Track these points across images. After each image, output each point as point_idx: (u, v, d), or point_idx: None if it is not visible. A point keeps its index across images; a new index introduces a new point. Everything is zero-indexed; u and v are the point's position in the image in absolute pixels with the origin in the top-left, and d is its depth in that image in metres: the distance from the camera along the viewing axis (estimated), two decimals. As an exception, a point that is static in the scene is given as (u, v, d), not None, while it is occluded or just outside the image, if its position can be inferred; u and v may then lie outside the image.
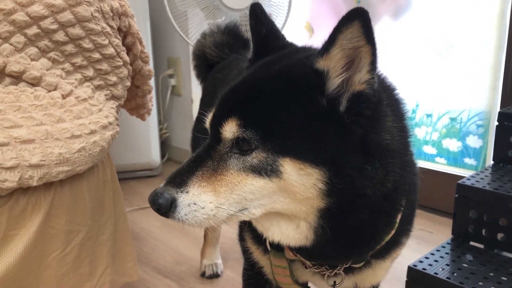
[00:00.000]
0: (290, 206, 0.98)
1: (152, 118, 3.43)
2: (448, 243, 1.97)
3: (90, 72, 1.80)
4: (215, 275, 2.20)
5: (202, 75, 2.13)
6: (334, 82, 0.94)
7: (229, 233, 2.45)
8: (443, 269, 1.77)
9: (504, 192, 1.84)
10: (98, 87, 1.83)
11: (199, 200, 0.96)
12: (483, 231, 1.92)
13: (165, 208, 0.96)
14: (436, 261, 1.83)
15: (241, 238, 1.32)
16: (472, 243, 1.98)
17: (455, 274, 1.74)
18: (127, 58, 1.93)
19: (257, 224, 1.09)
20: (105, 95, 1.85)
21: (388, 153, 0.98)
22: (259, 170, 0.94)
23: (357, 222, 1.00)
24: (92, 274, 1.73)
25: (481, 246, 1.97)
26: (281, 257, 1.21)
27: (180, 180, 0.97)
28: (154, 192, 0.99)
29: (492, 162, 2.18)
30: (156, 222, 2.80)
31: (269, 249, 1.22)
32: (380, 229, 1.07)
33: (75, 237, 1.64)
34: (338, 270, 1.17)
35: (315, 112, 0.94)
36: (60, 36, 1.69)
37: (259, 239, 1.24)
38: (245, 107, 0.97)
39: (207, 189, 0.96)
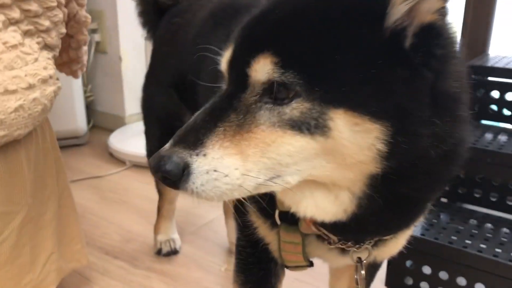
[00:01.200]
0: (334, 172, 0.77)
1: (75, 79, 3.01)
2: (424, 202, 1.89)
3: (15, 14, 1.42)
4: (173, 252, 1.95)
5: (151, 23, 1.80)
6: (399, 8, 0.73)
7: (183, 204, 2.20)
8: (427, 230, 1.69)
9: (482, 147, 1.77)
10: (27, 33, 1.46)
11: (221, 165, 0.72)
12: (459, 187, 1.86)
13: (175, 176, 0.72)
14: (418, 221, 1.74)
15: (240, 212, 1.09)
16: (442, 199, 1.93)
17: (441, 234, 1.66)
18: (62, -2, 1.56)
19: (284, 196, 0.87)
20: (37, 43, 1.49)
21: (456, 104, 0.80)
22: (299, 125, 0.72)
23: (410, 189, 0.82)
24: (34, 262, 1.43)
25: (446, 200, 1.93)
26: (295, 231, 1.01)
27: (194, 138, 0.73)
28: (158, 154, 0.73)
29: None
30: (93, 195, 2.47)
31: (279, 223, 1.01)
32: (430, 194, 0.90)
33: (12, 220, 1.32)
34: (367, 244, 0.99)
35: (378, 48, 0.73)
36: (-27, -37, 1.30)
37: (265, 211, 1.02)
38: (282, 39, 0.74)
39: (231, 151, 0.73)
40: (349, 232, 0.92)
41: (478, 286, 1.55)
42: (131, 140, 2.95)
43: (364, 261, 1.03)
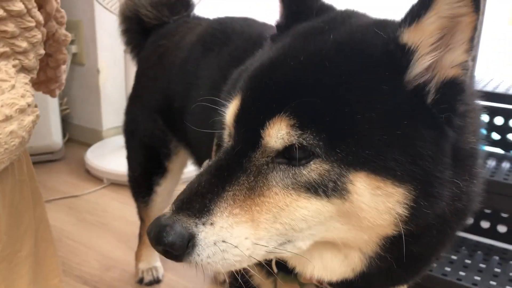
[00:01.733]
0: (347, 235, 0.73)
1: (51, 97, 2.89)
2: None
3: (-10, 35, 1.33)
4: (156, 281, 1.86)
5: (135, 42, 1.73)
6: (421, 63, 0.69)
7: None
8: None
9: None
10: (2, 56, 1.36)
11: (231, 235, 0.67)
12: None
13: (179, 249, 0.65)
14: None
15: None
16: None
17: (434, 264, 1.62)
18: (40, 18, 1.46)
19: (289, 258, 0.81)
20: (13, 66, 1.39)
21: (473, 161, 0.77)
22: (316, 188, 0.67)
23: (422, 248, 0.79)
24: (8, 303, 1.32)
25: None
26: (293, 281, 0.95)
27: (200, 204, 0.67)
28: (158, 223, 0.66)
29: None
30: (69, 217, 2.35)
31: (275, 272, 0.95)
32: (439, 249, 0.86)
33: (-15, 260, 1.21)
34: None
35: (400, 106, 0.68)
36: None
37: (262, 259, 0.96)
38: (298, 97, 0.67)
39: (241, 219, 0.67)
40: (350, 287, 0.87)
41: (472, 320, 1.52)
42: (109, 156, 2.85)
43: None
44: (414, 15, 0.66)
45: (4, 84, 1.22)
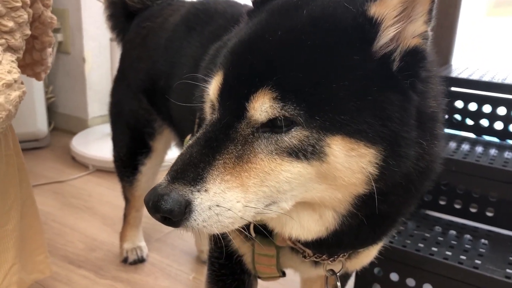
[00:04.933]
0: (324, 194, 0.78)
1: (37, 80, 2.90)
2: (391, 209, 1.93)
3: (-23, 13, 1.36)
4: (140, 260, 1.90)
5: (120, 26, 1.76)
6: (387, 34, 0.74)
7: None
8: (394, 237, 1.72)
9: (448, 155, 1.82)
10: (-11, 34, 1.40)
11: (224, 200, 0.71)
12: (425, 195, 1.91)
13: (177, 214, 0.69)
14: (386, 229, 1.77)
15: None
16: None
17: (408, 241, 1.69)
18: (27, -2, 1.50)
19: (270, 220, 0.86)
20: (0, 45, 1.42)
21: (434, 123, 0.83)
22: (297, 152, 0.72)
23: (389, 206, 0.84)
24: (-6, 275, 1.36)
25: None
26: (269, 245, 1.01)
27: (193, 174, 0.71)
28: (155, 193, 0.70)
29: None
30: (55, 202, 2.38)
31: (253, 235, 1.00)
32: (405, 210, 0.92)
33: (-28, 231, 1.25)
34: (342, 257, 0.99)
35: (370, 74, 0.73)
36: None
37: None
38: (279, 71, 0.72)
39: (232, 184, 0.72)
40: (326, 246, 0.93)
41: (444, 293, 1.59)
42: (95, 143, 2.88)
43: (338, 273, 1.03)
44: None
45: (-9, 60, 1.25)
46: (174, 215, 0.69)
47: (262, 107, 0.71)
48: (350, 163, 0.73)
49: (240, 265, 1.10)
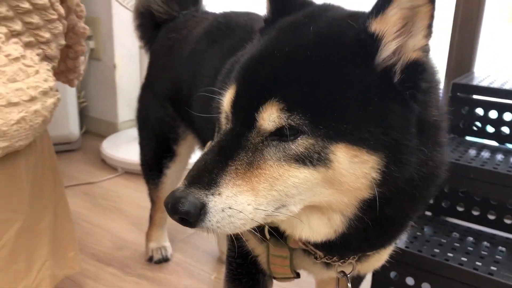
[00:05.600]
0: (331, 198, 0.83)
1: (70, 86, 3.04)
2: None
3: (17, 26, 1.46)
4: (164, 259, 1.99)
5: (148, 35, 1.85)
6: (388, 48, 0.79)
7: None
8: (411, 242, 1.75)
9: (466, 163, 1.84)
10: (28, 45, 1.50)
11: (236, 203, 0.77)
12: (443, 201, 1.93)
13: (193, 216, 0.76)
14: (402, 234, 1.80)
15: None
16: (425, 212, 2.00)
17: (425, 247, 1.72)
18: (62, 11, 1.60)
19: (281, 222, 0.92)
20: (37, 54, 1.53)
21: (436, 131, 0.87)
22: (303, 159, 0.78)
23: (394, 210, 0.89)
24: (29, 269, 1.46)
25: (430, 214, 1.99)
26: (283, 246, 1.06)
27: (208, 179, 0.77)
28: (173, 196, 0.77)
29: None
30: (85, 203, 2.50)
31: (268, 237, 1.06)
32: (411, 214, 0.96)
33: (11, 228, 1.35)
34: (352, 259, 1.04)
35: (372, 86, 0.79)
36: (-22, -22, 1.34)
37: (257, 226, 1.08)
38: (285, 85, 0.78)
39: (243, 188, 0.78)
40: (335, 249, 0.98)
41: (459, 298, 1.61)
42: (124, 146, 2.99)
43: (349, 275, 1.08)
44: (379, 8, 0.77)
45: (29, 69, 1.35)
46: (190, 216, 0.76)
47: (270, 117, 0.77)
48: (354, 169, 0.78)
49: (255, 265, 1.16)
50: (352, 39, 0.79)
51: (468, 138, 2.14)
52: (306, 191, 0.80)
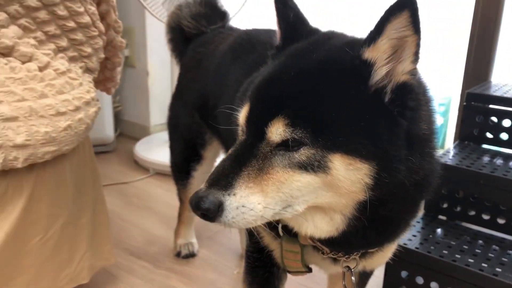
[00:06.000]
0: (331, 200, 0.96)
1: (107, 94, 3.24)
2: (421, 218, 2.05)
3: (63, 42, 1.65)
4: (191, 255, 2.15)
5: (179, 49, 2.02)
6: (379, 72, 0.91)
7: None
8: (421, 244, 1.85)
9: (476, 169, 1.93)
10: (72, 59, 1.69)
11: (248, 202, 0.91)
12: (455, 206, 2.02)
13: (212, 212, 0.89)
14: (414, 235, 1.90)
15: (251, 223, 1.29)
16: (440, 216, 2.09)
17: (433, 248, 1.82)
18: (102, 28, 1.79)
19: (289, 220, 1.05)
20: (80, 67, 1.71)
21: (424, 143, 0.99)
22: (305, 166, 0.91)
23: (388, 211, 1.01)
24: (71, 259, 1.64)
25: (445, 218, 2.08)
26: (294, 242, 1.19)
27: (225, 181, 0.91)
28: (197, 195, 0.91)
29: (455, 140, 2.28)
30: (119, 201, 2.68)
31: (281, 234, 1.20)
32: (405, 216, 1.08)
33: (56, 222, 1.53)
34: (355, 255, 1.17)
35: (364, 104, 0.91)
36: (32, 1, 1.53)
37: (270, 224, 1.21)
38: (290, 104, 0.91)
39: (254, 190, 0.91)
40: (339, 245, 1.11)
41: (465, 297, 1.71)
42: (155, 149, 3.16)
43: (353, 269, 1.20)
44: (371, 39, 0.89)
45: (74, 82, 1.53)
46: (210, 212, 0.89)
47: (277, 131, 0.90)
48: (349, 175, 0.90)
49: (270, 259, 1.30)
50: (348, 65, 0.92)
51: (484, 146, 2.22)
52: (308, 193, 0.93)
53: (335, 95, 0.91)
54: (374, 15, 0.91)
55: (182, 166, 1.94)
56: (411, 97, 0.93)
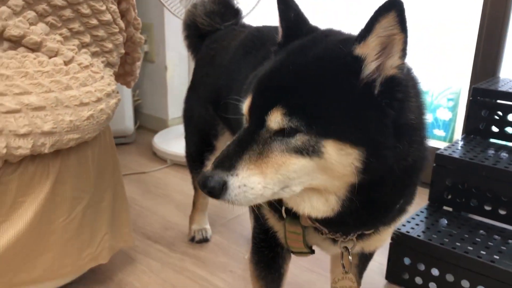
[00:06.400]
0: (326, 182, 1.05)
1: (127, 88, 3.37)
2: (425, 209, 2.13)
3: (87, 39, 1.78)
4: (205, 240, 2.26)
5: (194, 45, 2.12)
6: (369, 67, 1.00)
7: (215, 200, 2.52)
8: (424, 232, 1.93)
9: (479, 161, 2.00)
10: (94, 54, 1.81)
11: (249, 181, 1.00)
12: (458, 197, 2.09)
13: (217, 190, 0.99)
14: (417, 224, 1.99)
15: (257, 206, 1.39)
16: (444, 207, 2.16)
17: (434, 236, 1.90)
18: (122, 25, 1.91)
19: (288, 200, 1.15)
20: (102, 62, 1.84)
21: (413, 132, 1.07)
22: (301, 151, 0.99)
23: (379, 194, 1.09)
24: (93, 240, 1.76)
25: (450, 209, 2.15)
26: (296, 224, 1.28)
27: (228, 163, 1.01)
28: (203, 175, 1.01)
29: (462, 134, 2.35)
30: (138, 189, 2.82)
31: (285, 216, 1.29)
32: (396, 199, 1.16)
33: (79, 204, 1.66)
34: (351, 236, 1.26)
35: (355, 96, 1.00)
36: (58, 0, 1.65)
37: (275, 206, 1.31)
38: (288, 95, 1.01)
39: (255, 171, 1.00)
40: (336, 225, 1.20)
41: (464, 283, 1.78)
42: (173, 141, 3.28)
43: (350, 249, 1.30)
44: (362, 36, 0.97)
45: (96, 75, 1.66)
46: (215, 190, 0.99)
47: (275, 119, 1.00)
48: (341, 159, 0.99)
49: (275, 240, 1.40)
50: (341, 60, 1.01)
51: (491, 140, 2.28)
52: (304, 175, 1.03)
53: (329, 88, 1.00)
54: (371, 14, 0.99)
55: (196, 155, 2.05)
56: (399, 89, 1.01)
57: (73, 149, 1.56)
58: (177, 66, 3.64)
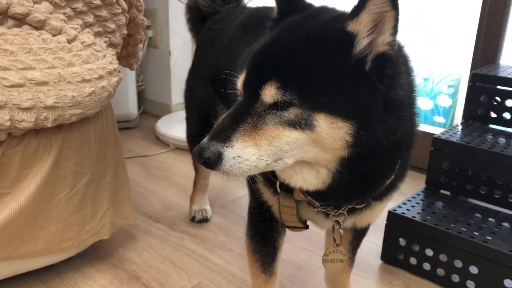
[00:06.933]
0: (317, 155, 1.08)
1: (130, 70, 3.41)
2: (422, 191, 2.16)
3: (90, 18, 1.81)
4: (205, 220, 2.31)
5: (196, 28, 2.16)
6: (361, 43, 1.02)
7: (215, 183, 2.57)
8: (419, 213, 1.96)
9: (475, 145, 2.02)
10: (97, 34, 1.85)
11: (243, 153, 1.03)
12: (454, 180, 2.12)
13: (213, 161, 1.02)
14: (413, 206, 2.02)
15: (252, 180, 1.42)
16: (442, 191, 2.19)
17: (429, 217, 1.93)
18: (125, 6, 1.93)
19: (281, 173, 1.18)
20: (105, 42, 1.87)
21: (401, 107, 1.10)
22: (294, 124, 1.03)
23: (368, 168, 1.12)
24: (94, 215, 1.81)
25: (448, 193, 2.18)
26: (290, 198, 1.32)
27: (224, 135, 1.04)
28: (199, 146, 1.04)
29: (462, 120, 2.37)
30: (140, 171, 2.86)
31: (279, 191, 1.33)
32: (385, 173, 1.20)
33: (81, 179, 1.70)
34: (342, 210, 1.29)
35: (346, 71, 1.02)
36: (62, -21, 1.68)
37: (270, 181, 1.34)
38: (282, 70, 1.03)
39: (249, 143, 1.03)
40: (327, 198, 1.23)
41: (457, 263, 1.81)
42: (176, 126, 3.33)
43: (341, 223, 1.33)
44: (355, 13, 1.00)
45: (99, 54, 1.69)
46: (211, 161, 1.03)
47: (269, 93, 1.02)
48: (332, 132, 1.02)
49: (269, 214, 1.43)
50: (334, 36, 1.03)
51: (489, 125, 2.30)
52: (296, 148, 1.06)
53: (321, 63, 1.03)
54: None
55: (196, 135, 2.09)
56: (389, 65, 1.04)
57: (75, 124, 1.60)
58: (181, 51, 3.67)
